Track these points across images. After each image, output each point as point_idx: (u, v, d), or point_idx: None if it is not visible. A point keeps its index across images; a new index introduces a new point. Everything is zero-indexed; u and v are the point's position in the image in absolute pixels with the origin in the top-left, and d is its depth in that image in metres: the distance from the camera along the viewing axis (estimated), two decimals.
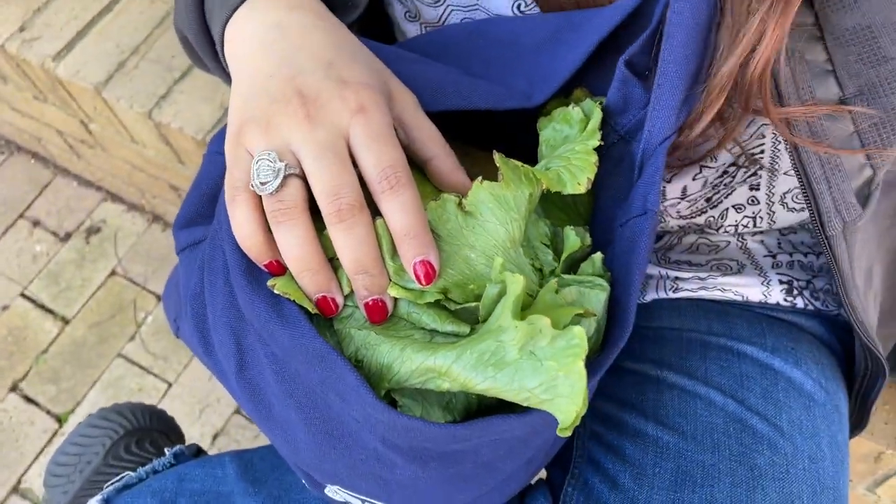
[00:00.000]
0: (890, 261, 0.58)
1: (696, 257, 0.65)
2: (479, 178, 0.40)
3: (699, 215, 0.57)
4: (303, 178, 0.38)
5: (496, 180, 0.40)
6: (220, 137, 0.55)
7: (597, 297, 0.41)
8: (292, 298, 0.39)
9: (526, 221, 0.42)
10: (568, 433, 0.37)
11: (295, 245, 0.37)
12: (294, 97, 0.38)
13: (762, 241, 0.64)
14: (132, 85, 1.22)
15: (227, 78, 0.51)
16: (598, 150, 0.44)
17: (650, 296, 0.68)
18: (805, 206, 0.49)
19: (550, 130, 0.47)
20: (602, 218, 0.47)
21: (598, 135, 0.44)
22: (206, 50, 0.49)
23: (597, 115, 0.45)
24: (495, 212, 0.40)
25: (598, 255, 0.44)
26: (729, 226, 0.58)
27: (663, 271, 0.67)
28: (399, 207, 0.37)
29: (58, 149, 1.70)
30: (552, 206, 0.48)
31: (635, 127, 0.44)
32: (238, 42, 0.43)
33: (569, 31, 0.47)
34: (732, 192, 0.54)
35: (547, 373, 0.36)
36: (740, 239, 0.63)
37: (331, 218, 0.37)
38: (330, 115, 0.37)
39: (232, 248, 0.41)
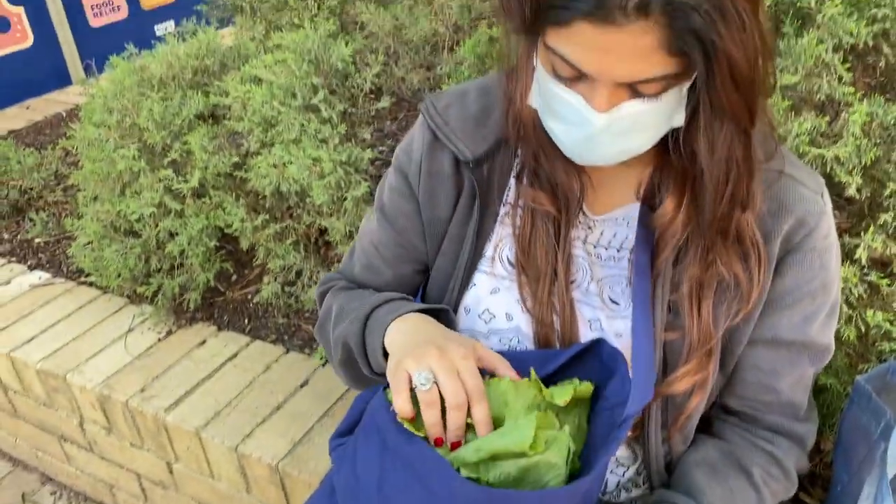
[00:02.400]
0: None
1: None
2: (523, 379, 0.82)
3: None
4: (436, 383, 0.78)
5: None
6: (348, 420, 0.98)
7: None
8: (411, 429, 0.78)
9: (532, 403, 0.82)
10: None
11: (433, 416, 0.77)
12: (432, 347, 0.80)
13: None
14: (224, 428, 1.64)
15: (358, 377, 0.95)
16: (587, 402, 0.87)
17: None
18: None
19: (557, 389, 0.90)
20: (593, 442, 0.86)
21: (573, 393, 0.86)
22: (360, 351, 0.93)
23: (588, 389, 0.87)
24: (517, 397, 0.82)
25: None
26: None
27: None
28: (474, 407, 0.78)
29: (127, 494, 2.04)
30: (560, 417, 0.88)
31: (617, 403, 0.84)
32: (394, 334, 0.87)
33: (558, 354, 0.92)
34: None
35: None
36: None
37: (449, 407, 0.76)
38: (451, 357, 0.79)
39: (384, 419, 0.80)
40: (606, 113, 0.74)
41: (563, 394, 0.83)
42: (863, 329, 1.16)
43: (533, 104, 0.83)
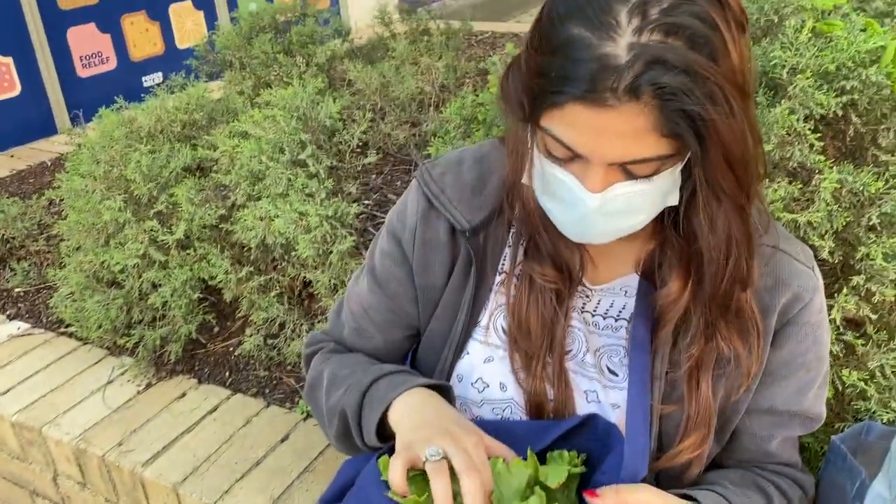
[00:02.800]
0: None
1: None
2: (518, 457, 0.82)
3: None
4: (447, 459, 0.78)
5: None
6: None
7: None
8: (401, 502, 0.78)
9: (528, 482, 0.82)
10: None
11: (443, 485, 0.75)
12: (444, 432, 0.80)
13: None
14: (203, 483, 1.62)
15: (351, 446, 0.95)
16: (578, 475, 0.87)
17: None
18: None
19: (552, 469, 0.90)
20: None
21: (566, 475, 0.85)
22: (356, 423, 0.91)
23: (581, 468, 0.87)
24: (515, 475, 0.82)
25: None
26: None
27: None
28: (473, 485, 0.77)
29: None
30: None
31: (614, 480, 0.83)
32: (402, 408, 0.87)
33: (552, 427, 0.92)
34: None
35: None
36: None
37: (462, 473, 0.76)
38: (463, 444, 0.79)
39: (376, 496, 0.80)
40: (600, 193, 0.75)
41: (557, 475, 0.83)
42: (839, 388, 1.19)
43: (529, 183, 0.85)
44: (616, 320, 0.93)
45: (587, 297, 0.94)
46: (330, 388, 0.98)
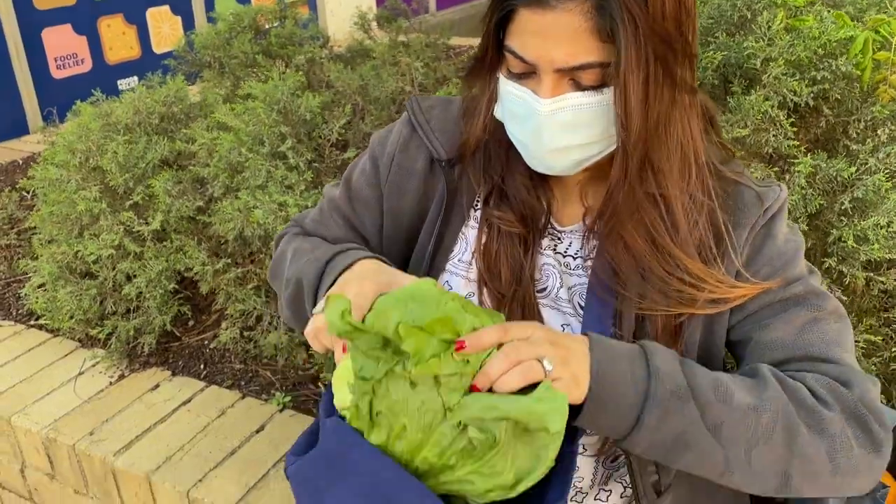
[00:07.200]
0: None
1: None
2: None
3: None
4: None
5: None
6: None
7: None
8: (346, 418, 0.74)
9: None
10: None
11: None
12: (353, 281, 0.82)
13: None
14: (176, 472, 1.60)
15: (300, 317, 0.95)
16: None
17: None
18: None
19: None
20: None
21: None
22: (312, 289, 0.91)
23: None
24: None
25: None
26: None
27: None
28: None
29: None
30: None
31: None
32: (347, 272, 0.88)
33: None
34: None
35: None
36: None
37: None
38: (363, 289, 0.79)
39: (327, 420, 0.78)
40: (550, 99, 0.79)
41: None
42: None
43: (497, 115, 0.89)
44: (585, 261, 0.94)
45: (559, 238, 0.96)
46: (293, 259, 1.00)
